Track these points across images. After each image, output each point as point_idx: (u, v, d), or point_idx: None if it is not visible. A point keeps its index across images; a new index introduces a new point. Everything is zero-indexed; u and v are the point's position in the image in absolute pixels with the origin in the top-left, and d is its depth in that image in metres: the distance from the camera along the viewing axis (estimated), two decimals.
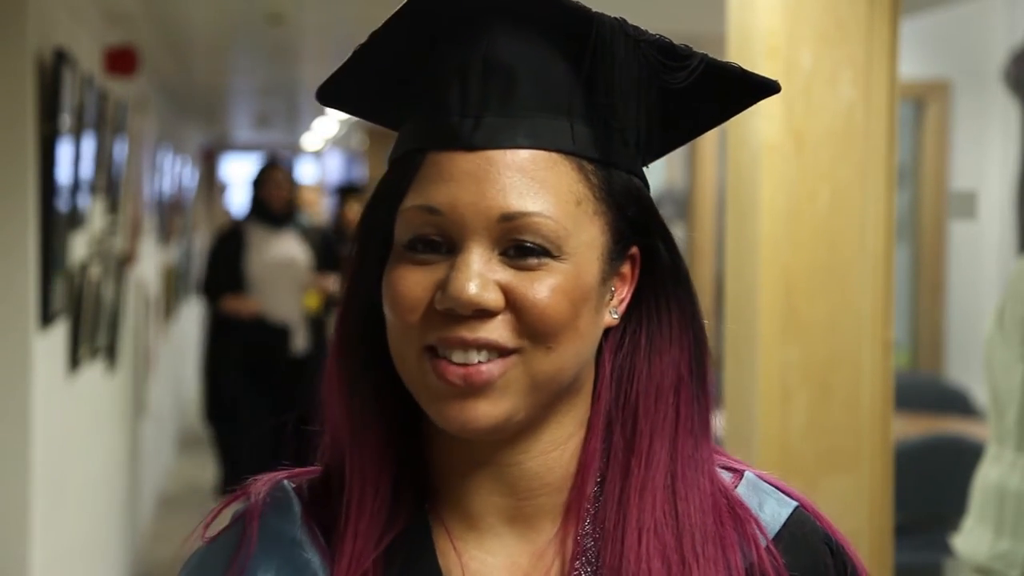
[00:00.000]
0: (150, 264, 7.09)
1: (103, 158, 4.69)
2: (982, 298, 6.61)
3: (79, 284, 4.19)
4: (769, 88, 1.06)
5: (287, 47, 6.28)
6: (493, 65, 0.99)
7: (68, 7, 4.05)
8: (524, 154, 0.97)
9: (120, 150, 5.19)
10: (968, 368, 6.57)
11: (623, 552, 1.00)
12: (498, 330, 0.96)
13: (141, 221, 6.37)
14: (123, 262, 5.50)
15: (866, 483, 2.42)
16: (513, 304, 0.97)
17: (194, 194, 11.57)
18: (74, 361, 4.15)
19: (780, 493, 1.07)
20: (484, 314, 0.96)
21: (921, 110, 6.82)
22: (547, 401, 1.00)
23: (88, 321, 4.38)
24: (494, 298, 0.96)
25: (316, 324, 7.12)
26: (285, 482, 1.06)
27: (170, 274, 8.53)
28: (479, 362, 0.96)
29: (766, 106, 2.41)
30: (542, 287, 0.96)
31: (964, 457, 4.43)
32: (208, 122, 11.93)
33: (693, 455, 1.03)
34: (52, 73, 3.59)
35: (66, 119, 3.71)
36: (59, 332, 3.91)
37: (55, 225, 3.63)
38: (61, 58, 3.61)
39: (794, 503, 1.07)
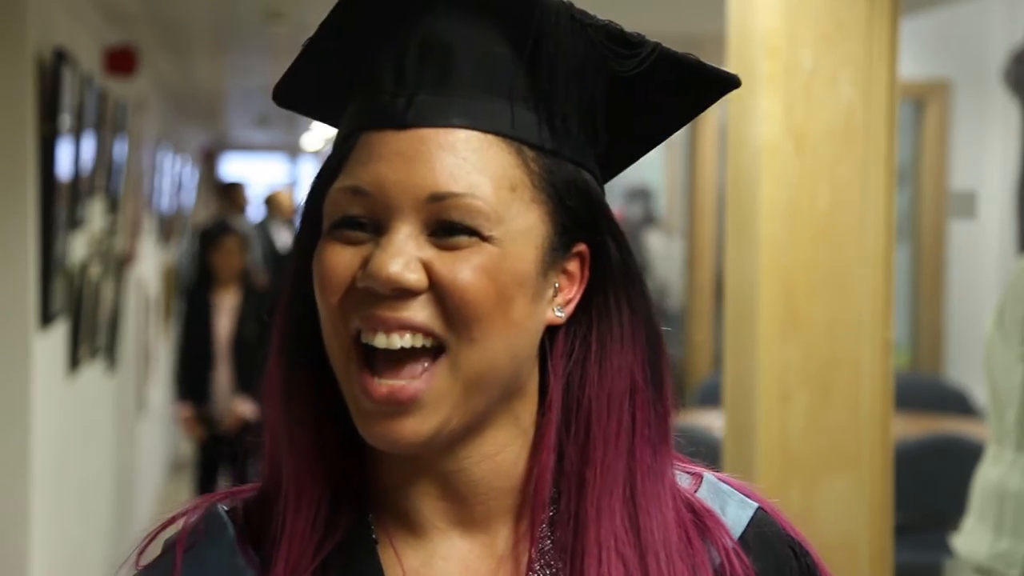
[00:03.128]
0: (150, 264, 7.09)
1: (103, 158, 4.69)
2: (982, 298, 6.61)
3: (79, 284, 4.19)
4: (729, 82, 1.01)
5: (287, 47, 6.27)
6: (430, 43, 0.95)
7: (68, 7, 4.05)
8: (459, 134, 0.93)
9: (120, 150, 5.19)
10: (968, 368, 6.57)
11: (583, 569, 0.96)
12: (419, 311, 0.92)
13: (141, 221, 6.37)
14: (123, 262, 5.50)
15: (866, 483, 2.42)
16: (435, 284, 0.92)
17: (194, 194, 11.57)
18: (74, 361, 4.15)
19: (740, 495, 1.04)
20: (406, 294, 0.92)
21: (921, 110, 6.82)
22: (483, 405, 0.95)
23: (88, 321, 4.38)
24: (416, 278, 0.92)
25: None
26: (219, 506, 1.02)
27: (170, 274, 8.53)
28: (402, 348, 0.92)
29: (766, 106, 2.41)
30: (465, 266, 0.92)
31: (964, 457, 4.43)
32: (208, 122, 11.94)
33: (652, 465, 0.99)
34: (52, 73, 3.59)
35: (66, 119, 3.71)
36: (59, 332, 3.91)
37: (55, 225, 3.63)
38: (61, 58, 3.61)
39: (755, 504, 1.03)
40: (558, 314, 0.98)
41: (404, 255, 0.92)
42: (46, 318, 3.58)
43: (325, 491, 0.98)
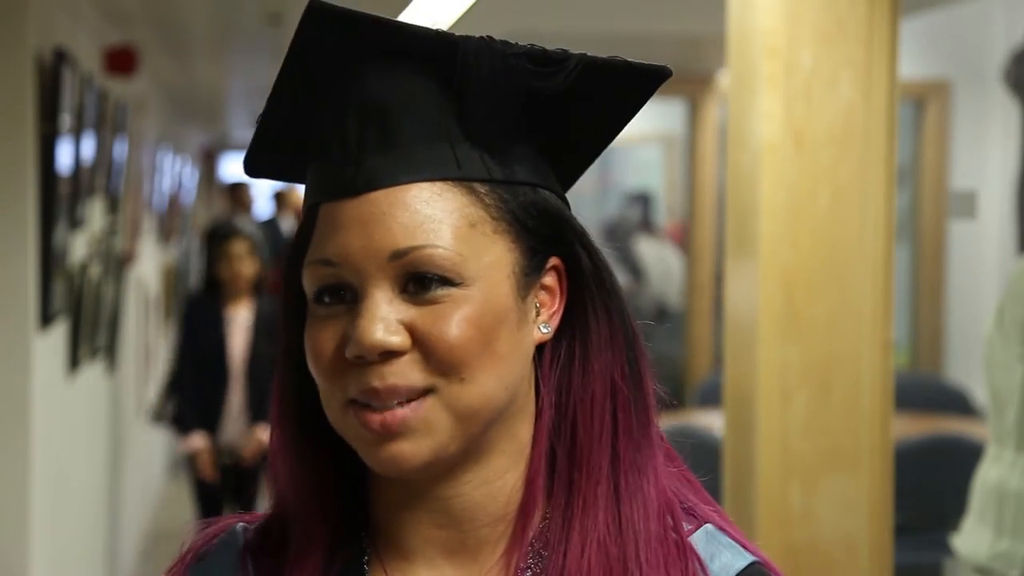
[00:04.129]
0: (150, 264, 7.09)
1: (103, 158, 4.70)
2: (982, 298, 6.61)
3: (79, 284, 4.19)
4: (659, 74, 1.04)
5: (287, 47, 6.27)
6: (366, 107, 0.99)
7: (68, 7, 4.05)
8: (409, 189, 0.97)
9: (120, 150, 5.20)
10: (968, 368, 6.58)
11: (565, 564, 1.00)
12: (405, 372, 0.96)
13: (141, 221, 6.37)
14: (123, 262, 5.50)
15: (866, 483, 2.42)
16: (419, 341, 0.96)
17: (194, 194, 11.57)
18: (74, 361, 4.16)
19: (739, 547, 1.05)
20: (391, 355, 0.96)
21: (921, 110, 6.82)
22: (480, 430, 0.99)
23: (88, 321, 4.38)
24: (399, 340, 0.96)
25: None
26: (238, 526, 1.08)
27: (170, 274, 8.53)
28: (398, 403, 0.96)
29: (766, 106, 2.41)
30: (448, 322, 0.96)
31: (964, 457, 4.43)
32: (208, 122, 11.94)
33: (635, 460, 1.02)
34: (52, 73, 3.59)
35: (66, 119, 3.72)
36: (59, 332, 3.91)
37: (55, 225, 3.63)
38: (61, 58, 3.62)
39: (752, 558, 1.04)
40: (544, 331, 1.02)
41: (384, 320, 0.96)
42: (46, 318, 3.58)
43: (327, 526, 1.03)
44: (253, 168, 1.08)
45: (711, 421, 4.75)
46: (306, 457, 1.04)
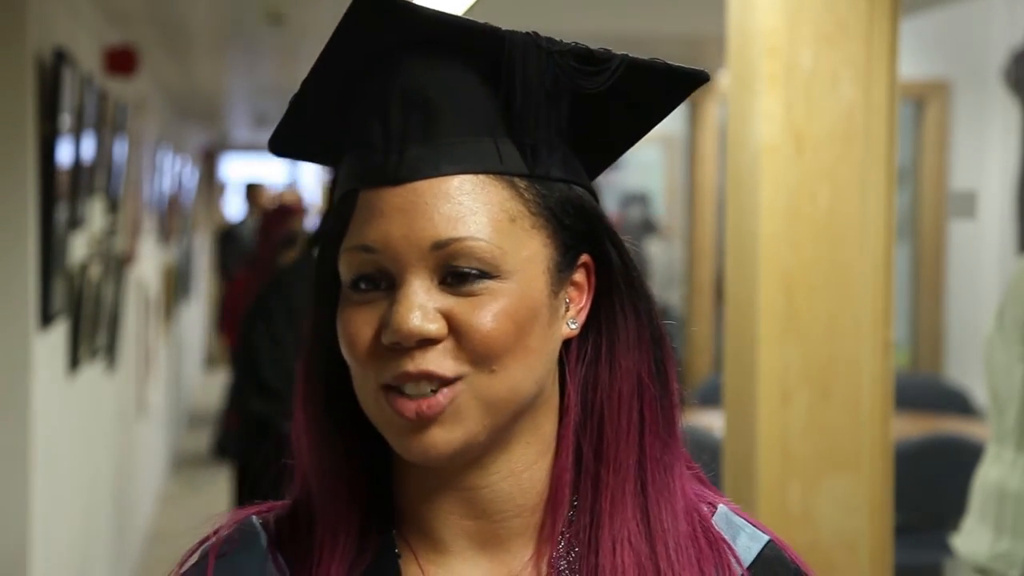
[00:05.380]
0: (150, 264, 7.10)
1: (103, 158, 4.70)
2: (982, 298, 6.61)
3: (79, 284, 4.19)
4: (698, 79, 1.05)
5: (287, 47, 6.28)
6: (410, 96, 1.00)
7: (68, 7, 4.05)
8: (451, 181, 0.98)
9: (120, 150, 5.20)
10: (968, 368, 6.58)
11: (598, 563, 1.00)
12: (438, 360, 0.97)
13: (141, 221, 6.37)
14: (123, 262, 5.50)
15: (866, 483, 2.42)
16: (456, 331, 0.97)
17: (194, 194, 11.58)
18: (74, 361, 4.16)
19: (752, 527, 1.07)
20: (427, 343, 0.97)
21: (921, 110, 6.82)
22: (507, 421, 1.00)
23: (88, 321, 4.38)
24: (436, 328, 0.96)
25: None
26: (253, 518, 1.07)
27: (170, 274, 8.53)
28: (432, 391, 0.97)
29: (766, 106, 2.41)
30: (485, 313, 0.97)
31: (964, 457, 4.43)
32: (208, 122, 11.94)
33: (661, 458, 1.04)
34: (52, 73, 3.59)
35: (66, 119, 3.72)
36: (59, 332, 3.91)
37: (55, 225, 3.63)
38: (61, 58, 3.62)
39: (766, 537, 1.07)
40: (572, 327, 1.03)
41: (422, 307, 0.97)
42: (46, 318, 3.58)
43: (355, 515, 1.03)
44: (279, 147, 1.09)
45: (711, 421, 4.74)
46: (331, 442, 1.03)
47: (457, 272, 0.97)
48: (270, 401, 4.95)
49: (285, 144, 1.09)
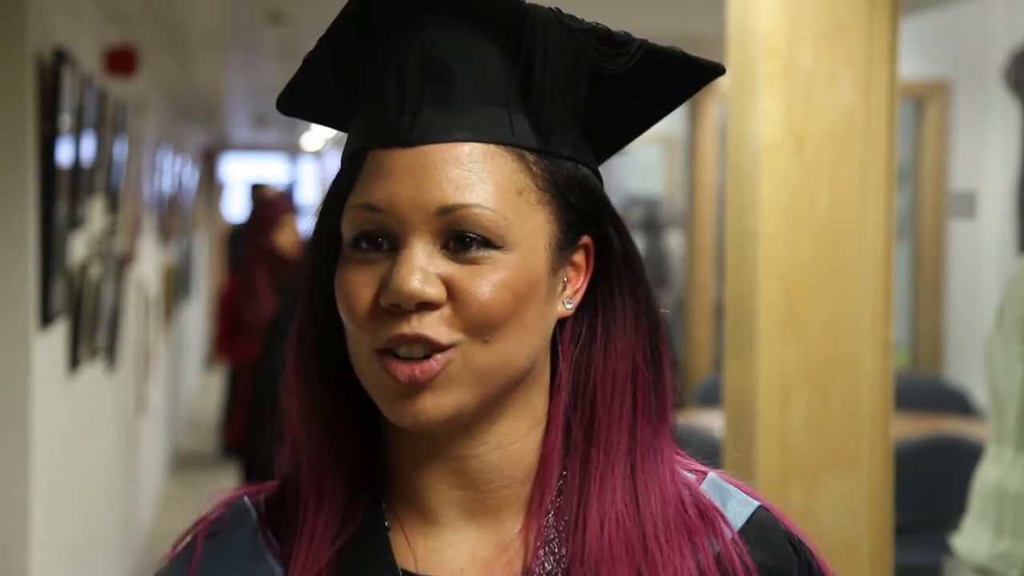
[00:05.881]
0: (150, 264, 7.09)
1: (103, 158, 4.69)
2: (982, 298, 6.61)
3: (79, 284, 4.19)
4: (714, 71, 1.05)
5: (287, 47, 6.28)
6: (428, 60, 0.99)
7: (68, 7, 4.05)
8: (463, 147, 0.98)
9: (120, 150, 5.19)
10: (968, 368, 6.58)
11: (586, 541, 1.00)
12: (433, 325, 0.96)
13: (141, 221, 6.37)
14: (123, 262, 5.50)
15: (866, 483, 2.42)
16: (454, 298, 0.97)
17: (194, 194, 11.58)
18: (74, 361, 4.16)
19: (743, 493, 1.08)
20: (425, 307, 0.96)
21: (921, 110, 6.82)
22: (497, 392, 1.00)
23: (88, 321, 4.38)
24: (435, 292, 0.96)
25: None
26: (244, 497, 1.08)
27: (170, 274, 8.53)
28: (424, 356, 0.97)
29: (766, 106, 2.41)
30: (485, 282, 0.97)
31: (964, 457, 4.43)
32: (208, 122, 11.93)
33: (652, 443, 1.04)
34: (52, 73, 3.59)
35: (66, 119, 3.71)
36: (59, 332, 3.91)
37: (55, 225, 3.63)
38: (61, 58, 3.61)
39: (756, 503, 1.07)
40: (567, 306, 1.03)
41: (423, 270, 0.96)
42: (46, 318, 3.58)
43: (343, 482, 1.03)
44: (288, 106, 1.08)
45: (711, 421, 4.74)
46: (322, 404, 1.03)
47: (460, 237, 0.97)
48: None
49: (295, 102, 1.08)
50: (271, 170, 15.91)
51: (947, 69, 6.82)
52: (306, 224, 1.08)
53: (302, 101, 1.08)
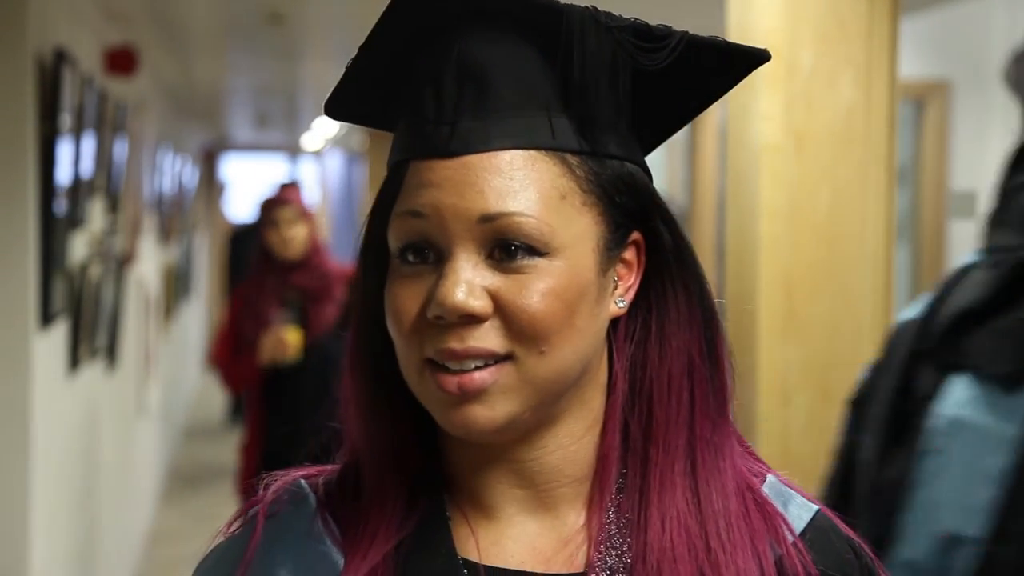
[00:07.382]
0: (150, 264, 7.09)
1: (103, 158, 4.69)
2: None
3: (79, 284, 4.19)
4: (759, 58, 1.05)
5: (287, 47, 6.28)
6: (465, 69, 0.99)
7: (68, 7, 4.05)
8: (503, 155, 0.97)
9: (120, 150, 5.19)
10: None
11: (647, 540, 1.00)
12: (487, 337, 0.96)
13: (141, 221, 6.37)
14: (123, 262, 5.50)
15: None
16: (502, 310, 0.96)
17: (194, 194, 11.57)
18: (74, 361, 4.15)
19: (802, 497, 1.07)
20: (472, 320, 0.96)
21: (921, 110, 6.82)
22: (553, 399, 0.99)
23: (88, 321, 4.38)
24: (481, 304, 0.96)
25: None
26: (301, 480, 1.08)
27: (170, 274, 8.53)
28: (475, 368, 0.96)
29: (766, 106, 2.41)
30: (532, 292, 0.96)
31: None
32: (208, 122, 11.94)
33: (712, 439, 1.03)
34: (52, 73, 3.59)
35: (66, 119, 3.71)
36: (59, 332, 3.91)
37: (55, 225, 3.63)
38: (61, 58, 3.61)
39: (816, 507, 1.07)
40: (620, 305, 1.03)
41: (468, 283, 0.96)
42: (46, 318, 3.58)
43: (402, 480, 1.03)
44: (336, 110, 1.08)
45: None
46: (378, 411, 1.04)
47: (505, 246, 0.96)
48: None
49: (340, 107, 1.08)
50: (272, 170, 15.91)
51: (947, 69, 6.82)
52: (313, 222, 1.07)
53: (348, 107, 1.08)
